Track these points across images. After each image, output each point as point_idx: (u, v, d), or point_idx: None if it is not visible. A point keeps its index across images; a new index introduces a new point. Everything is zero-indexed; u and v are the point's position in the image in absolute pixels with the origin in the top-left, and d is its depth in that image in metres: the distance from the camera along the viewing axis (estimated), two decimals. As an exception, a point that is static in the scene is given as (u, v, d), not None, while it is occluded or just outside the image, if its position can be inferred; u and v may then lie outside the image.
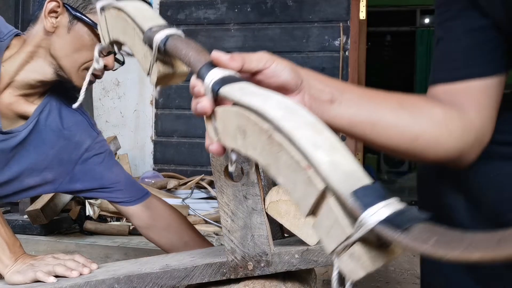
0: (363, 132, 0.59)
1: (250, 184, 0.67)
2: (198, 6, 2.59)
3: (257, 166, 0.69)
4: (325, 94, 0.56)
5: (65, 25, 1.01)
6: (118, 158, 2.28)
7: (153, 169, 2.59)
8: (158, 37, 0.52)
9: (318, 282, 1.15)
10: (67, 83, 1.05)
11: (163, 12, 2.62)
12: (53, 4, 0.99)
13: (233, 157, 0.47)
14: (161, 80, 0.55)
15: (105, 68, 1.06)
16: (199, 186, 2.12)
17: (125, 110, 2.70)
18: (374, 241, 0.34)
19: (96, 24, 1.00)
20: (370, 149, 5.23)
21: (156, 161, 2.65)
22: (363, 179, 0.35)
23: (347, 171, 0.36)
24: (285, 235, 0.89)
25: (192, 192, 2.05)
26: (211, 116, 0.46)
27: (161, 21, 0.56)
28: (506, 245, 0.26)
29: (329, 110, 0.57)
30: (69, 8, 1.00)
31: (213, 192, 2.05)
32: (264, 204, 0.68)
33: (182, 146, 2.57)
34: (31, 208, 1.66)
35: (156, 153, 2.64)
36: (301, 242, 0.69)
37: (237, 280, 0.70)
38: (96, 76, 1.06)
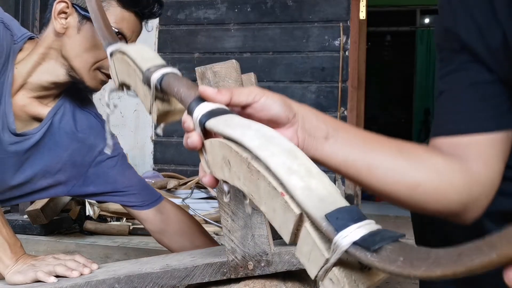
0: (358, 174, 0.57)
1: (251, 184, 0.67)
2: (198, 6, 2.59)
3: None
4: (320, 130, 0.55)
5: (75, 25, 1.01)
6: (118, 158, 2.28)
7: (153, 169, 2.59)
8: (155, 77, 0.54)
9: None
10: (80, 84, 1.04)
11: (163, 12, 2.62)
12: (62, 5, 0.99)
13: (225, 188, 0.48)
14: (162, 118, 0.57)
15: None
16: (199, 186, 2.12)
17: (125, 110, 2.70)
18: (355, 264, 0.34)
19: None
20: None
21: (156, 161, 2.65)
22: (339, 202, 0.36)
23: (322, 196, 0.36)
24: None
25: (192, 192, 2.05)
26: (202, 149, 0.48)
27: (160, 61, 0.58)
28: (465, 260, 0.27)
29: (323, 147, 0.55)
30: (78, 8, 1.00)
31: (213, 192, 2.05)
32: (265, 204, 0.68)
33: (182, 146, 2.57)
34: (31, 208, 1.66)
35: (156, 153, 2.65)
36: (301, 242, 0.69)
37: (237, 280, 0.70)
38: (108, 76, 1.05)
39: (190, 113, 0.49)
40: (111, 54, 0.65)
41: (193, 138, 0.48)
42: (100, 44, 1.00)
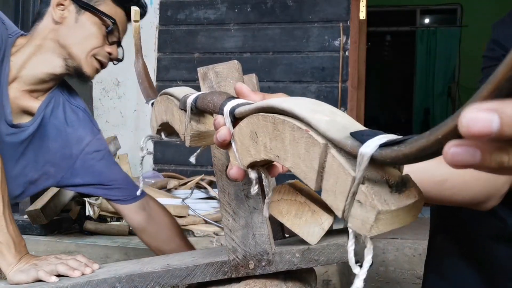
0: None
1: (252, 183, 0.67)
2: (198, 6, 2.60)
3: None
4: None
5: (73, 16, 1.08)
6: (118, 158, 2.28)
7: (153, 169, 2.59)
8: (190, 98, 0.58)
9: (318, 282, 1.15)
10: (77, 72, 1.10)
11: (163, 12, 2.62)
12: None
13: (253, 175, 0.50)
14: (195, 140, 0.59)
15: (110, 55, 1.14)
16: (199, 186, 2.12)
17: (125, 110, 2.70)
18: (384, 186, 0.33)
19: (101, 12, 1.09)
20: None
21: (156, 161, 2.65)
22: (365, 128, 0.36)
23: (346, 125, 0.36)
24: (286, 235, 0.89)
25: (192, 192, 2.05)
26: (231, 141, 0.49)
27: (195, 92, 0.62)
28: (434, 133, 0.26)
29: None
30: (75, 0, 1.07)
31: (212, 192, 2.05)
32: (265, 204, 0.68)
33: (182, 146, 2.57)
34: (31, 208, 1.66)
35: (156, 153, 2.65)
36: (302, 242, 0.69)
37: (238, 279, 0.70)
38: (102, 64, 1.13)
39: (221, 109, 0.50)
40: (152, 104, 0.73)
41: (223, 131, 0.49)
42: (96, 33, 1.10)
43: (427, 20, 6.39)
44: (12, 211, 1.90)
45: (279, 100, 0.42)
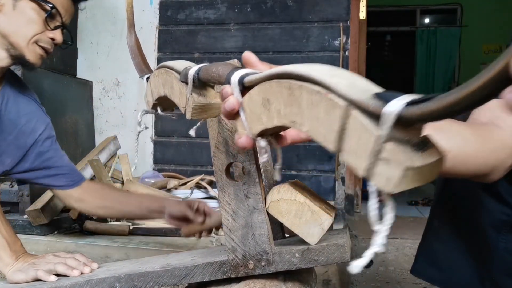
0: None
1: (252, 183, 0.67)
2: (198, 6, 2.59)
3: (258, 166, 0.69)
4: None
5: (10, 3, 1.07)
6: (118, 158, 2.28)
7: (153, 169, 2.59)
8: (192, 70, 0.57)
9: (318, 282, 1.15)
10: (20, 60, 1.10)
11: (163, 12, 2.62)
12: None
13: (263, 143, 0.49)
14: (197, 113, 0.58)
15: (53, 41, 1.13)
16: (199, 186, 2.12)
17: (125, 110, 2.70)
18: (408, 144, 0.33)
19: None
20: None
21: (156, 161, 2.65)
22: (382, 90, 0.36)
23: (364, 88, 0.37)
24: (286, 235, 0.89)
25: (192, 192, 2.05)
26: (239, 111, 0.49)
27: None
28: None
29: None
30: None
31: (212, 192, 2.05)
32: (265, 203, 0.68)
33: (182, 146, 2.57)
34: (31, 208, 1.65)
35: (156, 153, 2.64)
36: (301, 242, 0.69)
37: (238, 279, 0.70)
38: (46, 50, 1.12)
39: (228, 79, 0.50)
40: (147, 79, 0.71)
41: (231, 100, 0.49)
42: (36, 18, 1.09)
43: (427, 20, 6.39)
44: (12, 211, 1.90)
45: (295, 66, 0.42)
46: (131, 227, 1.77)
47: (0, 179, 1.94)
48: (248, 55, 0.54)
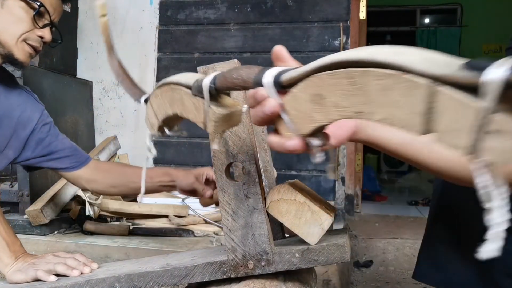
0: (420, 153, 0.57)
1: (251, 183, 0.67)
2: (198, 6, 2.59)
3: (258, 166, 0.69)
4: None
5: None
6: (118, 158, 2.28)
7: (153, 169, 2.59)
8: (207, 81, 0.51)
9: (318, 282, 1.15)
10: (9, 59, 1.11)
11: (163, 12, 2.62)
12: None
13: (316, 143, 0.46)
14: (219, 125, 0.52)
15: (42, 39, 1.13)
16: (199, 186, 2.12)
17: (125, 110, 2.70)
18: (509, 110, 0.30)
19: None
20: (370, 149, 5.23)
21: (156, 161, 2.65)
22: (464, 60, 0.33)
23: (443, 61, 0.34)
24: (286, 235, 0.89)
25: (192, 192, 2.04)
26: (279, 113, 0.46)
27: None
28: None
29: (380, 126, 0.55)
30: None
31: (213, 192, 2.05)
32: (265, 203, 0.68)
33: (182, 146, 2.57)
34: (31, 208, 1.66)
35: (157, 152, 2.64)
36: (301, 242, 0.69)
37: (237, 279, 0.70)
38: (35, 48, 1.13)
39: (258, 81, 0.46)
40: (146, 101, 0.67)
41: (270, 103, 0.45)
42: (24, 17, 1.09)
43: (427, 20, 6.39)
44: (12, 211, 1.90)
45: (351, 52, 0.38)
46: (131, 227, 1.77)
47: (0, 179, 1.94)
48: (279, 49, 0.50)
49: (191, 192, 1.25)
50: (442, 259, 0.90)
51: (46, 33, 1.13)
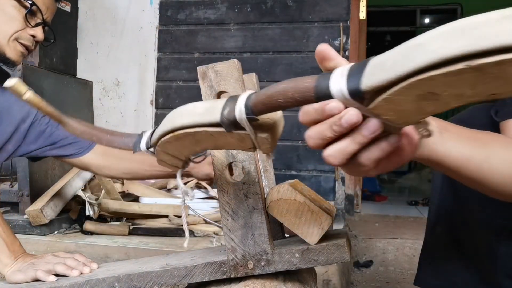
0: (479, 170, 0.54)
1: (251, 183, 0.67)
2: (198, 6, 2.59)
3: (257, 166, 0.69)
4: (434, 122, 0.53)
5: None
6: (118, 158, 2.28)
7: (153, 169, 2.59)
8: (238, 110, 0.44)
9: (318, 282, 1.15)
10: (1, 58, 1.11)
11: (163, 12, 2.62)
12: None
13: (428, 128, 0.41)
14: (272, 142, 0.48)
15: (34, 38, 1.13)
16: (199, 186, 2.12)
17: (125, 110, 2.70)
18: None
19: None
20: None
21: (156, 161, 2.64)
22: None
23: None
24: (286, 235, 0.89)
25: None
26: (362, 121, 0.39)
27: (221, 101, 0.47)
28: None
29: (441, 141, 0.53)
30: None
31: (212, 192, 2.05)
32: (265, 203, 0.68)
33: (182, 146, 2.57)
34: (31, 208, 1.65)
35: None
36: (301, 242, 0.69)
37: (237, 279, 0.70)
38: (27, 47, 1.12)
39: (322, 92, 0.39)
40: (152, 148, 0.56)
41: (351, 112, 0.38)
42: (16, 16, 1.08)
43: (427, 20, 6.39)
44: (12, 211, 1.90)
45: (461, 42, 0.31)
46: (131, 227, 1.77)
47: (0, 179, 1.94)
48: (324, 47, 0.43)
49: (209, 180, 1.27)
50: (444, 264, 0.90)
51: (39, 32, 1.12)
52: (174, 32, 2.62)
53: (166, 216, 1.86)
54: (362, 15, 2.59)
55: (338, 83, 0.38)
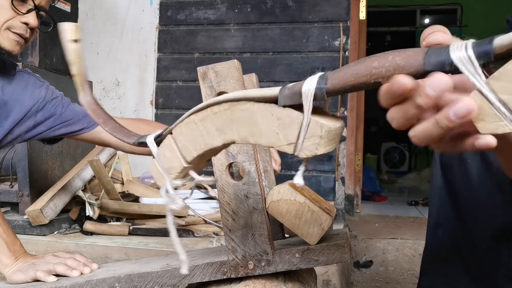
0: None
1: (251, 183, 0.67)
2: (198, 6, 2.59)
3: (257, 166, 0.69)
4: None
5: None
6: (118, 158, 2.28)
7: (153, 169, 2.59)
8: (312, 82, 0.38)
9: (318, 282, 1.15)
10: None
11: (163, 12, 2.62)
12: None
13: None
14: (323, 144, 0.41)
15: (28, 25, 1.10)
16: (199, 186, 2.12)
17: (125, 110, 2.70)
18: None
19: None
20: (370, 149, 5.23)
21: (156, 161, 2.64)
22: None
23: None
24: (286, 235, 0.89)
25: (192, 192, 2.04)
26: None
27: (275, 88, 0.43)
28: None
29: None
30: None
31: (212, 192, 2.05)
32: (265, 204, 0.68)
33: (182, 146, 2.57)
34: (31, 208, 1.65)
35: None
36: (301, 242, 0.69)
37: (238, 280, 0.70)
38: (21, 36, 1.10)
39: (439, 64, 0.32)
40: (157, 140, 0.50)
41: (465, 101, 0.31)
42: (3, 4, 1.07)
43: (427, 20, 6.39)
44: (12, 211, 1.90)
45: None
46: (131, 227, 1.77)
47: (0, 179, 1.94)
48: (435, 28, 0.36)
49: None
50: (445, 268, 0.90)
51: (31, 19, 1.09)
52: (174, 32, 2.62)
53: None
54: (362, 15, 2.59)
55: (462, 48, 0.32)
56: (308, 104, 0.38)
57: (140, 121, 1.46)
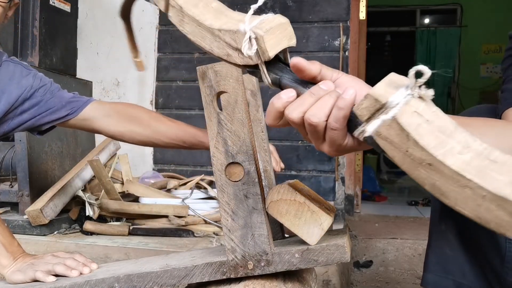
0: None
1: (251, 183, 0.67)
2: (198, 6, 2.60)
3: (257, 166, 0.69)
4: None
5: None
6: (118, 158, 2.28)
7: (153, 169, 2.59)
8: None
9: (318, 282, 1.15)
10: None
11: (163, 12, 2.62)
12: None
13: None
14: None
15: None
16: (198, 186, 2.12)
17: (125, 110, 2.70)
18: None
19: None
20: (370, 150, 5.23)
21: (156, 161, 2.65)
22: None
23: None
24: (286, 235, 0.89)
25: (192, 192, 2.04)
26: None
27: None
28: None
29: None
30: None
31: (212, 192, 2.05)
32: (265, 204, 0.68)
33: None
34: (31, 208, 1.65)
35: (156, 153, 2.64)
36: (301, 242, 0.69)
37: (237, 280, 0.70)
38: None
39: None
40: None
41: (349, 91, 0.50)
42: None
43: (427, 20, 6.39)
44: (12, 211, 1.90)
45: None
46: (131, 227, 1.77)
47: (0, 179, 1.94)
48: (297, 60, 0.50)
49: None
50: (451, 264, 0.90)
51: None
52: (174, 32, 2.62)
53: (166, 216, 1.86)
54: (362, 15, 2.59)
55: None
56: None
57: (128, 105, 1.40)
